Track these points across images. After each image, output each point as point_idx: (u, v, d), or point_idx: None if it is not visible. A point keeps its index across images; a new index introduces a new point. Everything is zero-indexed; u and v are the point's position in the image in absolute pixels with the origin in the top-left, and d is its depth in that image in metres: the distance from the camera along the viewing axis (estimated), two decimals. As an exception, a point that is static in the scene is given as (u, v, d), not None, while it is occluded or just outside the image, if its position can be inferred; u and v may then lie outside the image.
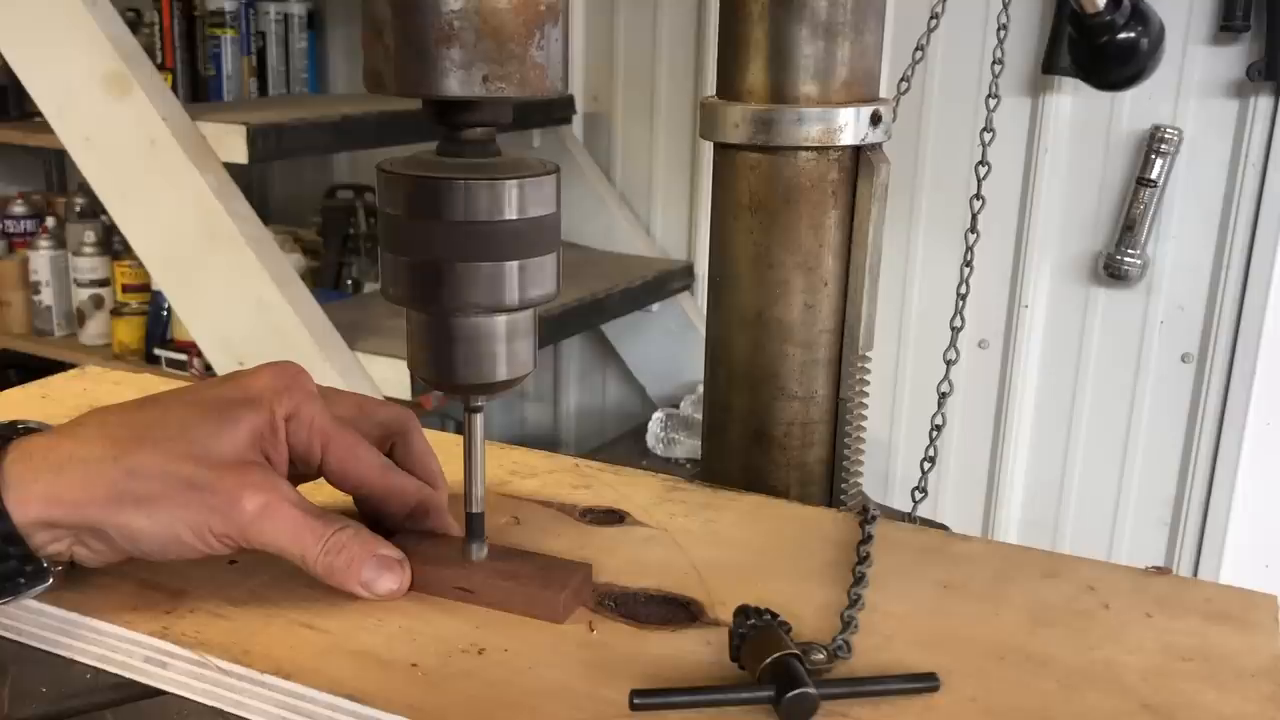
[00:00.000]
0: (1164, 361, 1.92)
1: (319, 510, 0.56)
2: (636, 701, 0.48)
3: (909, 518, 0.79)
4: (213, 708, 0.52)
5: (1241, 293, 1.82)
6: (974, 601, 0.59)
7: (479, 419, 0.59)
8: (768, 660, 0.49)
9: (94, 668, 0.55)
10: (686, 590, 0.60)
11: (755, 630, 0.51)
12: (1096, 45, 0.58)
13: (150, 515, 0.52)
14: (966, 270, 0.81)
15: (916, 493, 0.82)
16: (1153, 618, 0.58)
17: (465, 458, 0.58)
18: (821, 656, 0.52)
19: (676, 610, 0.58)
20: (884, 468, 2.13)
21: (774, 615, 0.52)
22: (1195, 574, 1.95)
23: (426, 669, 0.52)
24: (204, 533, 0.53)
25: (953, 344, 0.81)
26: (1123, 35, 0.56)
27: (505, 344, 0.56)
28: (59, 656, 0.56)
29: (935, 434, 0.81)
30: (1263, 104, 1.75)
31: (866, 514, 0.67)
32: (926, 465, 0.81)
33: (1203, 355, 1.88)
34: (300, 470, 0.59)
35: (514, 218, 0.54)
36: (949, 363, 0.81)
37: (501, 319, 0.56)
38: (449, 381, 0.57)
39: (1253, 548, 1.92)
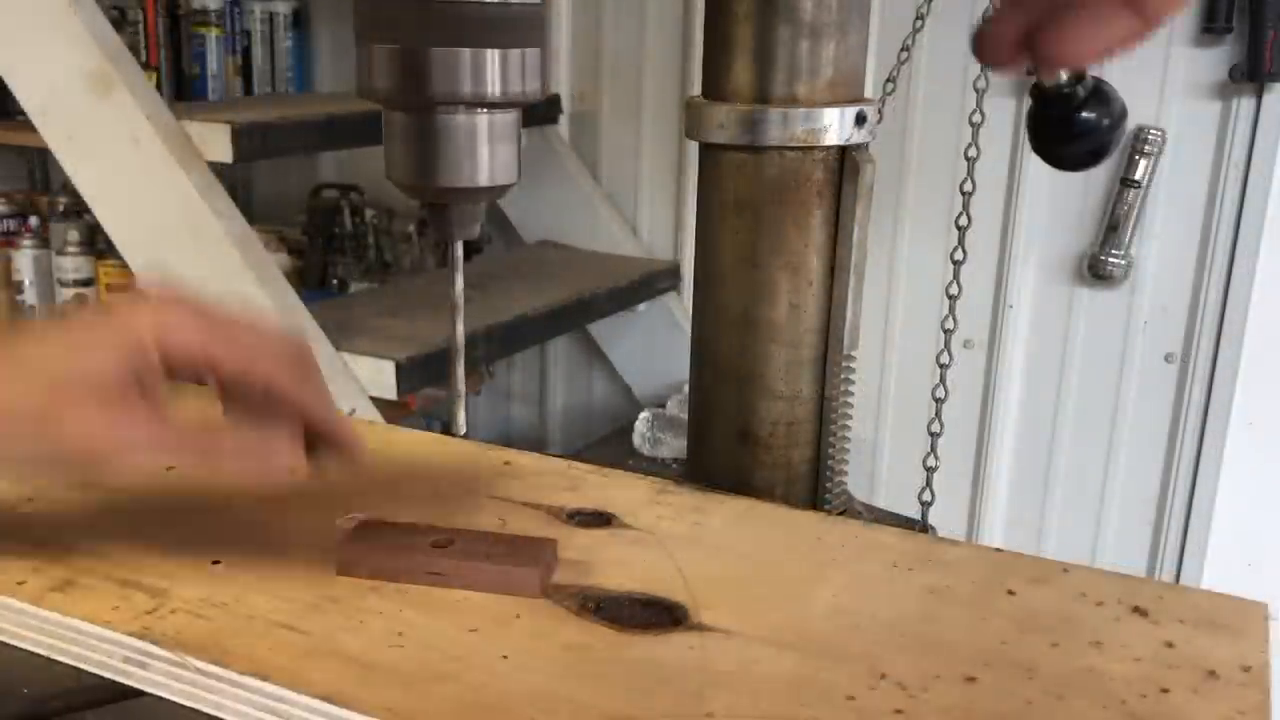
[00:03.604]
0: (1148, 362, 1.93)
1: (191, 420, 0.55)
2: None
3: (922, 528, 0.79)
4: (193, 709, 0.52)
5: (1225, 293, 1.83)
6: (960, 607, 0.59)
7: (459, 247, 0.58)
8: None
9: (75, 668, 0.55)
10: (671, 594, 0.59)
11: None
12: (1055, 120, 0.57)
13: (7, 449, 0.53)
14: (958, 258, 0.81)
15: (921, 500, 0.82)
16: (1141, 625, 0.58)
17: (452, 296, 0.58)
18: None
19: (660, 614, 0.58)
20: (869, 467, 2.13)
21: None
22: (1179, 573, 1.96)
23: (406, 671, 0.52)
24: (62, 463, 0.54)
25: (946, 347, 0.81)
26: (1084, 113, 0.56)
27: (487, 145, 0.55)
28: (40, 656, 0.55)
29: (934, 440, 0.81)
30: (1245, 105, 1.76)
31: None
32: (927, 472, 0.81)
33: (1186, 355, 1.89)
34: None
35: (495, 0, 0.52)
36: (943, 366, 0.81)
37: (483, 117, 0.54)
38: (430, 184, 0.55)
39: (1236, 547, 1.93)
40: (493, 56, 0.53)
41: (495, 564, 0.58)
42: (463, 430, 0.68)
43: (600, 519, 0.68)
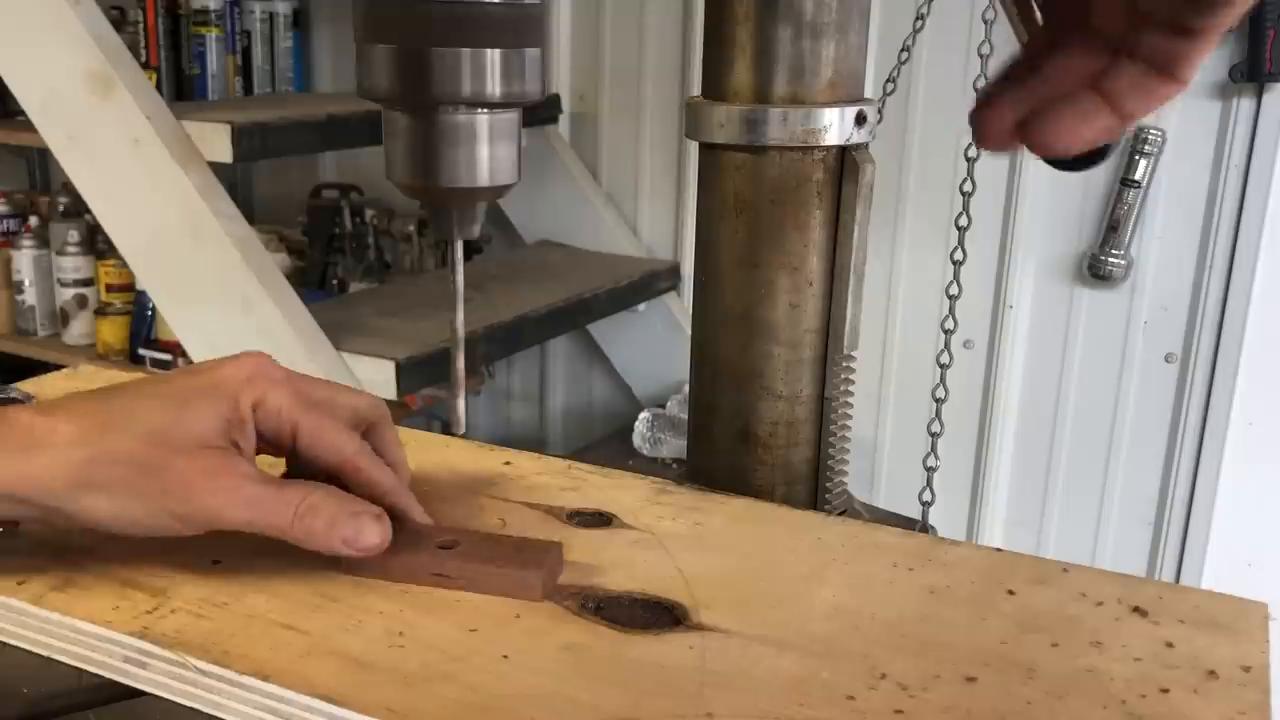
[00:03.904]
0: (1148, 361, 1.93)
1: (284, 481, 0.57)
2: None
3: (922, 528, 0.79)
4: (192, 709, 0.52)
5: (1225, 293, 1.83)
6: (960, 607, 0.59)
7: (460, 247, 0.59)
8: None
9: (75, 668, 0.55)
10: (671, 594, 0.59)
11: None
12: None
13: (110, 499, 0.54)
14: (958, 258, 0.81)
15: (921, 500, 0.82)
16: (1141, 625, 0.58)
17: (452, 294, 0.59)
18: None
19: (660, 614, 0.58)
20: (869, 467, 2.13)
21: None
22: (1179, 573, 1.96)
23: (406, 671, 0.52)
24: (163, 515, 0.54)
25: (946, 347, 0.81)
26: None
27: (488, 145, 0.55)
28: (40, 656, 0.56)
29: (934, 440, 0.81)
30: (1245, 105, 1.76)
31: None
32: (927, 472, 0.81)
33: (1186, 355, 1.89)
34: (278, 457, 0.60)
35: (495, 0, 0.52)
36: (943, 366, 0.81)
37: (484, 117, 0.55)
38: (430, 184, 0.56)
39: (1235, 546, 1.93)
40: (493, 56, 0.53)
41: (499, 567, 0.58)
42: (462, 429, 0.68)
43: (600, 519, 0.68)
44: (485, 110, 0.54)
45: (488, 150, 0.55)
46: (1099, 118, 0.49)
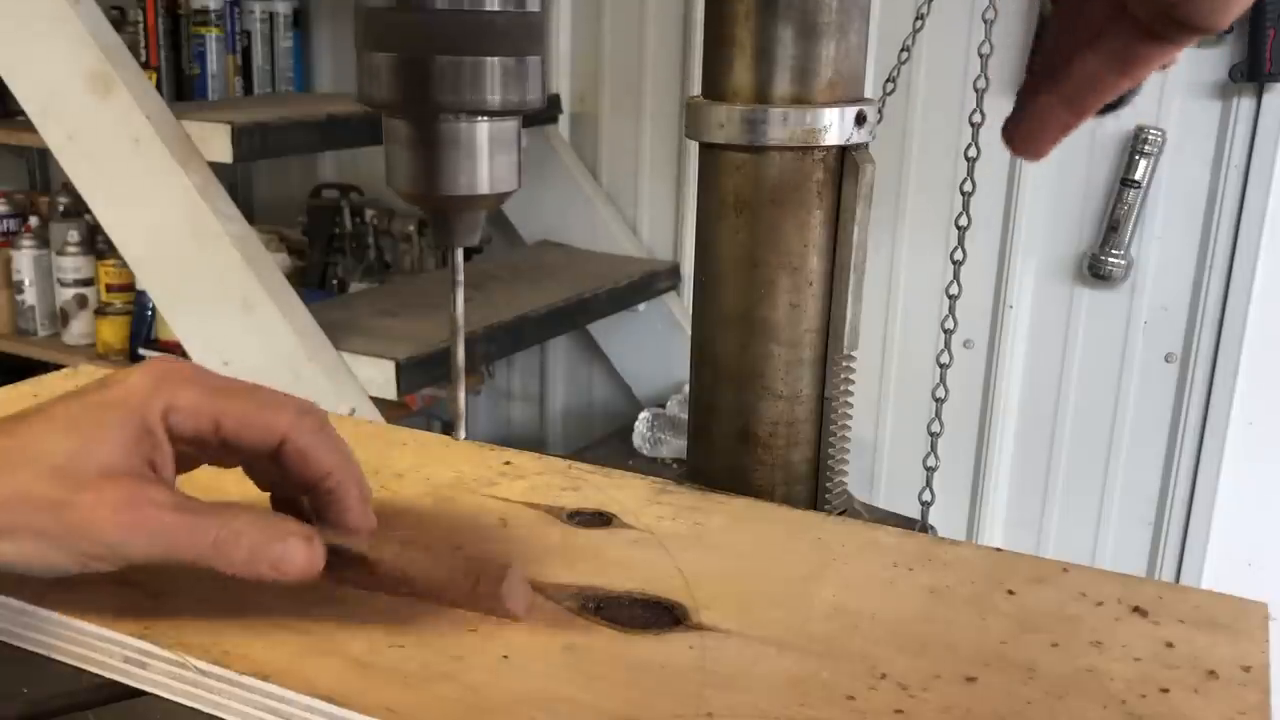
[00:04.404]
0: (1148, 361, 1.93)
1: (203, 506, 0.53)
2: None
3: (922, 528, 0.78)
4: (192, 709, 0.52)
5: (1225, 293, 1.83)
6: (960, 607, 0.59)
7: (460, 254, 0.59)
8: None
9: (75, 668, 0.55)
10: (671, 594, 0.59)
11: None
12: None
13: (16, 544, 0.51)
14: (958, 258, 0.81)
15: (921, 500, 0.82)
16: (1141, 625, 0.58)
17: (452, 302, 0.58)
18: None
19: (660, 614, 0.58)
20: (869, 467, 2.13)
21: None
22: (1179, 573, 1.96)
23: (406, 671, 0.52)
24: (75, 555, 0.51)
25: (946, 347, 0.81)
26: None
27: (488, 154, 0.55)
28: (40, 656, 0.55)
29: (934, 440, 0.81)
30: (1245, 105, 1.76)
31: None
32: (927, 472, 0.81)
33: (1186, 355, 1.89)
34: (211, 459, 0.57)
35: (496, 9, 0.53)
36: (943, 366, 0.81)
37: (484, 126, 0.55)
38: (430, 192, 0.56)
39: (1236, 546, 1.93)
40: (493, 65, 0.53)
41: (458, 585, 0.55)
42: (462, 436, 0.68)
43: (600, 519, 0.68)
44: (486, 118, 0.54)
45: (488, 158, 0.55)
46: (1053, 120, 0.51)
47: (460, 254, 0.60)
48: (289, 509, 0.58)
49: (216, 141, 1.61)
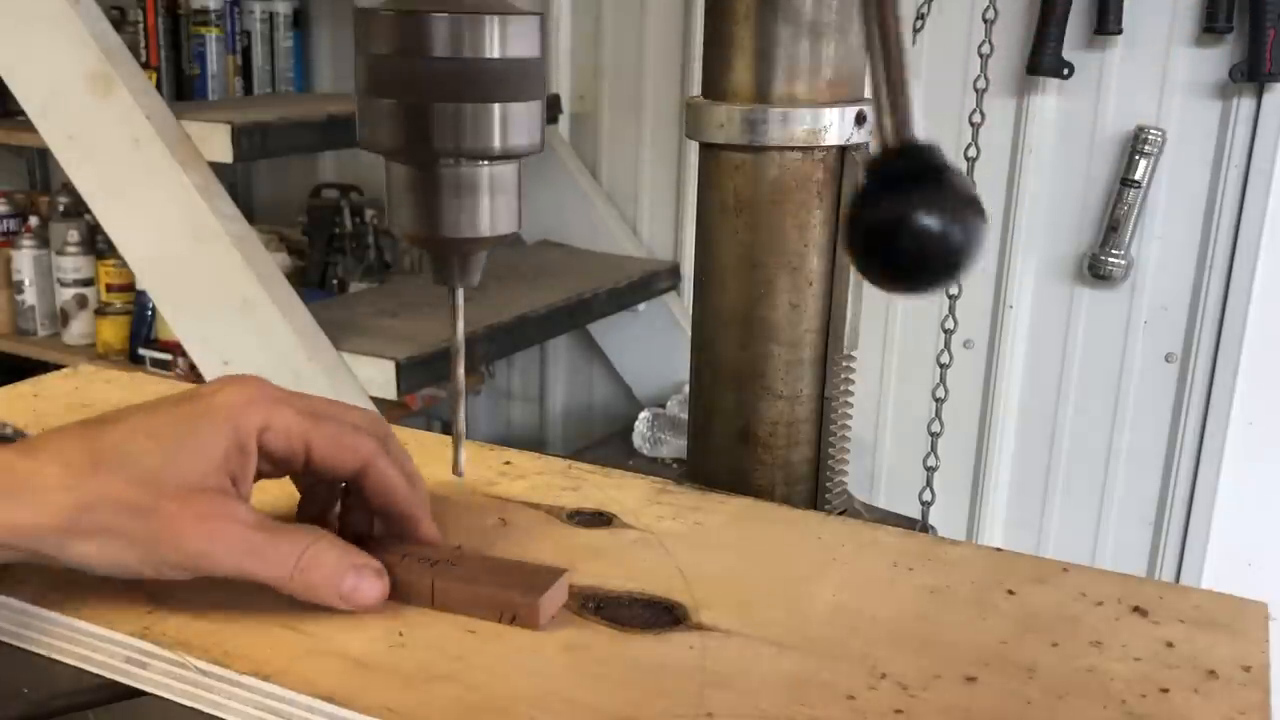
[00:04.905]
0: (1148, 361, 1.93)
1: (282, 528, 0.54)
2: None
3: (922, 528, 0.79)
4: (192, 709, 0.52)
5: (1225, 293, 1.83)
6: (960, 607, 0.59)
7: (460, 295, 0.60)
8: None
9: (75, 668, 0.55)
10: (671, 594, 0.59)
11: None
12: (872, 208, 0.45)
13: (100, 546, 0.52)
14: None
15: (921, 500, 0.82)
16: (1141, 625, 0.58)
17: (453, 338, 0.60)
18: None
19: (660, 614, 0.58)
20: (869, 467, 2.13)
21: None
22: (1179, 573, 1.96)
23: (407, 672, 0.52)
24: (156, 563, 0.52)
25: (946, 347, 0.81)
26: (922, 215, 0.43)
27: (488, 197, 0.56)
28: (41, 656, 0.55)
29: (934, 440, 0.81)
30: (1245, 105, 1.76)
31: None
32: (927, 472, 0.81)
33: (1186, 355, 1.89)
34: (280, 475, 0.59)
35: (496, 56, 0.53)
36: (943, 366, 0.81)
37: (484, 169, 0.55)
38: (431, 235, 0.56)
39: (1236, 546, 1.93)
40: (493, 111, 0.54)
41: (502, 591, 0.56)
42: (462, 474, 0.68)
43: (600, 519, 0.68)
44: (486, 162, 0.55)
45: (488, 201, 0.56)
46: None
47: (460, 294, 0.61)
48: (321, 503, 0.61)
49: (216, 141, 1.61)
